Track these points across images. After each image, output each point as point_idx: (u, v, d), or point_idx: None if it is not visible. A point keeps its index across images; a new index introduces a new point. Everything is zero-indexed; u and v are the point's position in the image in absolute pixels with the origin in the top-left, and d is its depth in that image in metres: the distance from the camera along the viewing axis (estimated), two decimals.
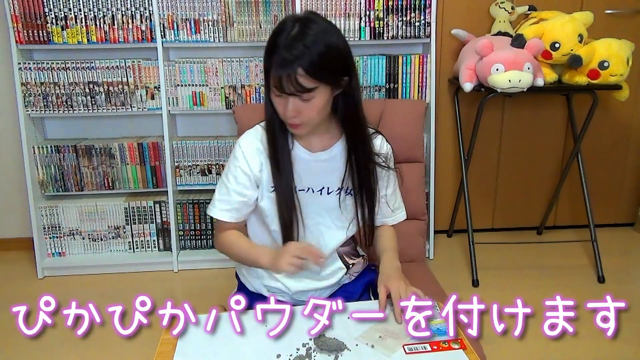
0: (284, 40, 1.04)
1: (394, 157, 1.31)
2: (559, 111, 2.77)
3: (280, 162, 1.19)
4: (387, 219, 1.35)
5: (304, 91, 1.05)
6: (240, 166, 1.21)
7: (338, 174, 1.23)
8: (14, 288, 2.44)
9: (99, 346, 1.98)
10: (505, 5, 2.47)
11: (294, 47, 1.03)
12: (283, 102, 1.09)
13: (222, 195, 1.24)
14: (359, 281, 1.37)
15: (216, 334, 1.07)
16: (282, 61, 1.03)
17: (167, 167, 2.48)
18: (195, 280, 2.48)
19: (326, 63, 1.06)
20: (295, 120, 1.11)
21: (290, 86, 1.04)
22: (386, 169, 1.27)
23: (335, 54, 1.09)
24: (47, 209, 2.51)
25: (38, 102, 2.39)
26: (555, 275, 2.46)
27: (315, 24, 1.07)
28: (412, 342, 1.01)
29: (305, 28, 1.05)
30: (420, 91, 2.48)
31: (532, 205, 2.91)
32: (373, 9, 2.38)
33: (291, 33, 1.05)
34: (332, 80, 1.09)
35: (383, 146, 1.28)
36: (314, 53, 1.03)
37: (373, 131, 1.28)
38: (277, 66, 1.04)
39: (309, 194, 1.23)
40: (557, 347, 1.93)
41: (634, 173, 2.93)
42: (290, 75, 1.03)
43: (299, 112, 1.09)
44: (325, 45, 1.06)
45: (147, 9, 2.32)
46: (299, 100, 1.07)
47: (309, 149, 1.22)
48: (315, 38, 1.04)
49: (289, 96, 1.07)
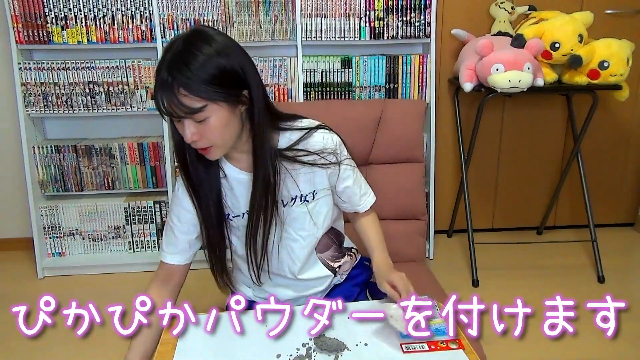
0: (162, 60, 0.98)
1: (346, 147, 1.23)
2: (559, 111, 2.77)
3: (199, 191, 1.13)
4: (357, 207, 1.28)
5: (192, 112, 0.97)
6: (181, 205, 1.17)
7: (285, 184, 1.17)
8: (14, 288, 2.44)
9: (99, 346, 1.98)
10: (505, 5, 2.47)
11: (173, 66, 0.96)
12: (181, 127, 1.02)
13: (169, 238, 1.20)
14: (354, 281, 1.35)
15: (216, 334, 1.07)
16: (162, 83, 0.96)
17: (167, 167, 2.48)
18: (195, 280, 2.47)
19: (211, 79, 0.97)
20: (199, 144, 1.03)
21: (176, 108, 0.97)
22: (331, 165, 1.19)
23: (222, 68, 0.99)
24: (47, 209, 2.51)
25: (38, 102, 2.39)
26: (555, 275, 2.46)
27: (201, 39, 0.99)
28: (409, 340, 1.01)
29: (188, 45, 0.98)
30: (420, 91, 2.48)
31: (532, 205, 2.91)
32: (373, 9, 2.38)
33: (174, 52, 0.98)
34: (224, 97, 1.00)
35: (328, 141, 1.18)
36: (195, 70, 0.96)
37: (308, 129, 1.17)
38: (159, 89, 0.97)
39: None
40: (557, 347, 1.93)
41: (634, 173, 2.93)
42: (173, 98, 0.96)
43: (199, 135, 1.01)
44: (209, 61, 0.98)
45: (147, 9, 2.32)
46: (194, 122, 0.99)
47: (245, 169, 1.15)
48: (197, 55, 0.97)
49: (183, 119, 0.99)
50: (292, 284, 1.28)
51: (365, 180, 1.32)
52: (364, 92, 2.47)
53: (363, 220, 1.32)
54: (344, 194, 1.26)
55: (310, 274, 1.27)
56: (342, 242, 1.35)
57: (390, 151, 1.81)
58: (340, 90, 2.46)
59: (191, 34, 1.01)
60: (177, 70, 0.96)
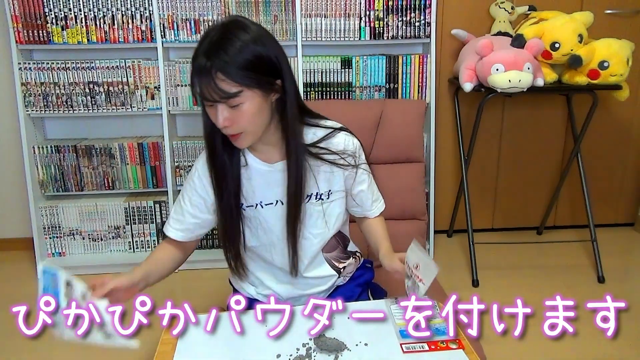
0: (200, 46, 1.02)
1: (364, 152, 1.26)
2: (559, 111, 2.77)
3: (222, 180, 1.15)
4: (368, 212, 1.31)
5: (228, 97, 1.00)
6: (195, 189, 1.19)
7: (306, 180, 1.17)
8: (14, 288, 2.44)
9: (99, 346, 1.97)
10: (505, 5, 2.47)
11: (211, 52, 0.99)
12: (214, 112, 1.04)
13: (176, 214, 1.22)
14: (356, 282, 1.36)
15: (216, 334, 1.07)
16: (200, 68, 0.99)
17: (167, 167, 2.48)
18: (195, 280, 2.48)
19: (247, 65, 1.01)
20: (230, 130, 1.05)
21: (212, 93, 0.99)
22: (349, 167, 1.21)
23: (257, 54, 1.02)
24: (47, 209, 2.51)
25: (38, 102, 2.39)
26: (555, 275, 2.46)
27: (238, 27, 1.03)
28: (409, 340, 1.01)
29: (226, 32, 1.01)
30: (420, 91, 2.48)
31: (532, 205, 2.91)
32: (373, 9, 2.38)
33: (211, 39, 1.01)
34: (258, 83, 1.03)
35: (349, 143, 1.21)
36: (232, 55, 0.99)
37: (332, 129, 1.20)
38: (196, 74, 1.01)
39: (278, 205, 1.19)
40: (557, 347, 1.93)
41: (634, 173, 2.93)
42: (210, 82, 0.99)
43: (231, 120, 1.03)
44: (246, 47, 1.01)
45: (147, 9, 2.32)
46: (228, 107, 1.02)
47: (267, 160, 1.17)
48: (235, 40, 1.00)
49: (217, 104, 1.02)
50: (295, 282, 1.28)
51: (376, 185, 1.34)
52: (364, 92, 2.47)
53: (371, 221, 1.33)
54: (357, 197, 1.28)
55: (315, 273, 1.28)
56: (348, 245, 1.36)
57: (390, 151, 1.81)
58: (340, 90, 2.46)
59: (228, 22, 1.04)
60: (215, 55, 0.99)
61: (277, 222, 1.20)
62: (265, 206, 1.19)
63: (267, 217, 1.20)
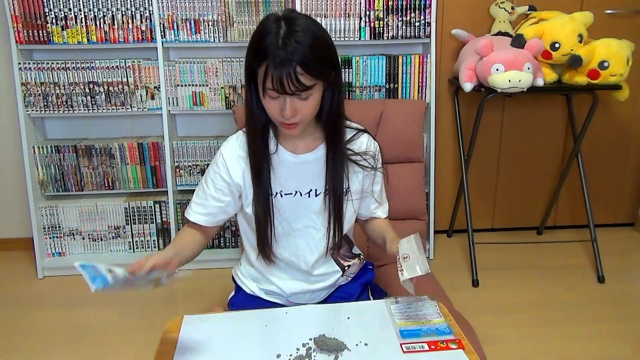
0: (275, 40, 1.01)
1: (382, 155, 1.29)
2: (559, 111, 2.77)
3: (260, 168, 1.17)
4: (375, 212, 1.34)
5: (304, 89, 1.04)
6: (220, 173, 1.21)
7: (325, 175, 1.21)
8: (14, 288, 2.44)
9: (99, 346, 1.98)
10: (505, 5, 2.47)
11: (288, 45, 1.01)
12: (279, 104, 1.07)
13: (199, 199, 1.24)
14: (357, 281, 1.36)
15: (216, 334, 1.07)
16: (281, 61, 1.00)
17: (167, 167, 2.48)
18: (195, 280, 2.47)
19: (320, 58, 1.05)
20: (293, 120, 1.09)
21: (292, 85, 1.02)
22: (369, 169, 1.25)
23: (325, 47, 1.08)
24: (47, 209, 2.51)
25: (38, 102, 2.39)
26: (555, 275, 2.46)
27: (300, 20, 1.05)
28: (409, 340, 1.01)
29: (293, 25, 1.03)
30: (420, 91, 2.48)
31: (532, 205, 2.91)
32: (373, 9, 2.38)
33: (280, 32, 1.02)
34: (325, 75, 1.08)
35: (371, 145, 1.26)
36: (309, 49, 1.02)
37: (357, 130, 1.26)
38: (275, 67, 1.01)
39: (297, 197, 1.21)
40: (557, 347, 1.93)
41: (634, 173, 2.93)
42: (291, 74, 1.01)
43: (296, 111, 1.07)
44: (316, 40, 1.04)
45: (147, 9, 2.32)
46: (297, 99, 1.06)
47: (294, 151, 1.20)
48: (305, 34, 1.03)
49: (287, 96, 1.05)
50: (301, 277, 1.28)
51: None
52: (364, 92, 2.47)
53: (377, 220, 1.35)
54: (368, 198, 1.30)
55: (321, 270, 1.29)
56: (352, 248, 1.38)
57: (390, 151, 1.81)
58: None
59: (292, 15, 1.06)
60: (295, 48, 1.01)
61: (295, 213, 1.22)
62: (285, 196, 1.21)
63: (286, 207, 1.21)
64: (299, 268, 1.27)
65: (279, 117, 1.09)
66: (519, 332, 2.01)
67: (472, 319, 1.39)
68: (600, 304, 2.21)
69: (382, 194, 1.34)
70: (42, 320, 2.16)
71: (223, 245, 2.60)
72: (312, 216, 1.23)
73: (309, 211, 1.23)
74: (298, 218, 1.23)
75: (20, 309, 2.24)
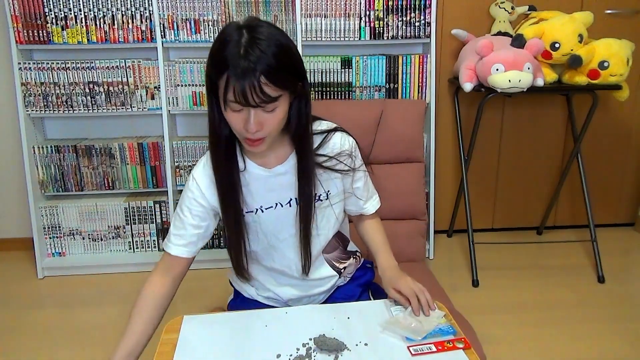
0: (236, 49, 0.95)
1: (359, 149, 1.25)
2: (559, 111, 2.77)
3: (227, 188, 1.13)
4: (363, 210, 1.31)
5: (269, 101, 0.98)
6: (195, 198, 1.16)
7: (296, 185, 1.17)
8: (14, 288, 2.44)
9: (99, 346, 1.98)
10: (505, 5, 2.47)
11: (250, 54, 0.94)
12: (242, 117, 1.00)
13: (177, 229, 1.18)
14: (356, 282, 1.35)
15: (216, 334, 1.07)
16: (243, 71, 0.94)
17: (167, 167, 2.48)
18: (195, 280, 2.47)
19: (285, 67, 0.99)
20: (258, 135, 1.02)
21: (255, 97, 0.95)
22: (346, 171, 1.21)
23: (290, 56, 1.01)
24: (47, 209, 2.51)
25: (38, 102, 2.39)
26: (555, 275, 2.46)
27: (263, 28, 0.99)
28: (416, 343, 1.01)
29: (255, 33, 0.97)
30: (420, 91, 2.48)
31: (532, 205, 2.91)
32: (373, 9, 2.38)
33: (242, 41, 0.96)
34: (291, 85, 1.02)
35: (345, 143, 1.20)
36: (272, 58, 0.96)
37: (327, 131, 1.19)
38: (237, 77, 0.94)
39: (278, 208, 1.18)
40: (557, 347, 1.93)
41: (634, 173, 2.93)
42: (254, 85, 0.94)
43: (261, 125, 1.01)
44: (281, 48, 0.98)
45: (147, 9, 2.32)
46: (262, 112, 1.00)
47: (264, 165, 1.15)
48: (269, 42, 0.97)
49: (251, 109, 0.99)
50: (296, 283, 1.28)
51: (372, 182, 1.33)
52: (364, 92, 2.47)
53: (367, 224, 1.33)
54: (352, 196, 1.28)
55: (316, 274, 1.28)
56: (347, 246, 1.36)
57: (390, 151, 1.81)
58: (340, 90, 2.46)
59: (254, 23, 1.00)
60: (259, 58, 0.95)
61: (279, 225, 1.20)
62: (266, 210, 1.18)
63: (268, 221, 1.19)
64: (293, 276, 1.26)
65: (242, 132, 1.02)
66: (519, 332, 2.01)
67: (472, 319, 1.39)
68: (600, 304, 2.21)
69: (367, 188, 1.30)
70: (42, 320, 2.16)
71: (223, 246, 2.60)
72: (297, 224, 1.20)
73: (293, 220, 1.20)
74: (283, 229, 1.20)
75: (20, 309, 2.24)
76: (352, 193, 1.27)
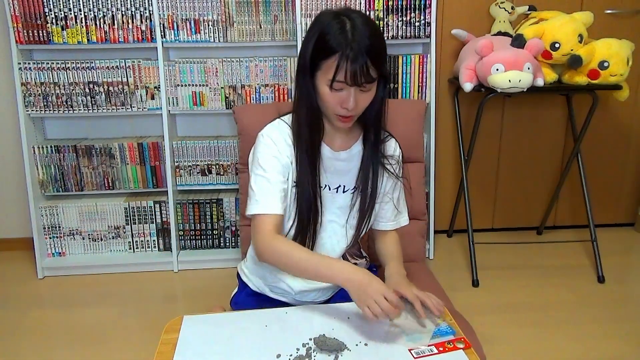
0: (344, 34, 1.06)
1: (402, 160, 1.33)
2: (559, 111, 2.77)
3: (311, 158, 1.19)
4: (389, 223, 1.35)
5: (371, 81, 1.09)
6: (273, 155, 1.17)
7: (354, 173, 1.25)
8: (14, 288, 2.44)
9: (99, 346, 1.98)
10: (505, 5, 2.47)
11: (358, 39, 1.05)
12: (343, 96, 1.10)
13: (263, 188, 1.14)
14: None
15: (216, 334, 1.07)
16: (354, 54, 1.04)
17: (167, 167, 2.48)
18: (195, 280, 2.48)
19: (382, 50, 1.10)
20: (353, 112, 1.12)
21: (363, 78, 1.06)
22: (394, 176, 1.29)
23: (383, 40, 1.12)
24: (47, 209, 2.51)
25: (38, 102, 2.39)
26: (555, 275, 2.46)
27: (357, 14, 1.10)
28: (416, 345, 1.00)
29: (355, 21, 1.07)
30: (420, 91, 2.48)
31: (532, 205, 2.91)
32: (373, 9, 2.38)
33: (347, 27, 1.06)
34: (385, 68, 1.13)
35: (397, 150, 1.31)
36: (375, 41, 1.07)
37: (387, 134, 1.29)
38: (348, 60, 1.05)
39: (326, 191, 1.24)
40: (557, 347, 1.93)
41: (634, 173, 2.93)
42: (363, 67, 1.05)
43: (357, 104, 1.11)
44: (378, 33, 1.10)
45: (147, 9, 2.32)
46: (361, 92, 1.10)
47: (332, 147, 1.23)
48: (369, 28, 1.07)
49: (352, 89, 1.08)
50: None
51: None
52: None
53: (389, 235, 1.36)
54: (386, 203, 1.32)
55: None
56: (360, 248, 1.40)
57: None
58: None
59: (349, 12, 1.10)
60: (365, 42, 1.05)
61: (322, 207, 1.23)
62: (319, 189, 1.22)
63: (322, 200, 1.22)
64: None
65: (338, 109, 1.12)
66: (519, 332, 2.01)
67: (472, 319, 1.39)
68: (600, 304, 2.21)
69: (400, 202, 1.35)
70: (42, 320, 2.16)
71: (223, 245, 2.60)
72: (337, 211, 1.26)
73: (334, 206, 1.25)
74: (325, 213, 1.24)
75: (20, 309, 2.24)
76: (390, 200, 1.31)
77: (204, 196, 2.58)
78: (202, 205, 2.56)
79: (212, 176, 2.54)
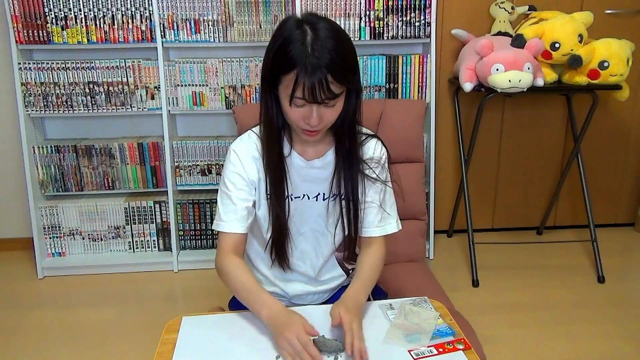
0: (302, 47, 0.98)
1: (389, 160, 1.25)
2: (559, 111, 2.77)
3: (280, 172, 1.16)
4: (373, 229, 1.23)
5: (333, 97, 1.01)
6: (238, 172, 1.16)
7: (331, 180, 1.19)
8: (14, 288, 2.44)
9: (99, 346, 1.98)
10: (505, 5, 2.47)
11: (318, 53, 0.98)
12: (305, 112, 1.04)
13: (226, 206, 1.16)
14: None
15: (216, 334, 1.07)
16: (312, 70, 0.97)
17: (167, 167, 2.48)
18: (195, 280, 2.48)
19: (348, 64, 1.03)
20: (317, 127, 1.06)
21: (322, 94, 0.99)
22: (373, 179, 1.20)
23: (351, 52, 1.05)
24: (47, 209, 2.51)
25: (38, 102, 2.39)
26: (555, 275, 2.46)
27: (322, 24, 1.02)
28: (416, 346, 1.00)
29: (318, 31, 1.00)
30: (420, 91, 2.48)
31: (532, 205, 2.91)
32: (373, 9, 2.38)
33: (307, 39, 0.99)
34: (351, 81, 1.06)
35: (377, 149, 1.22)
36: (338, 56, 0.99)
37: (367, 135, 1.23)
38: (306, 75, 0.98)
39: (305, 200, 1.20)
40: (557, 347, 1.93)
41: (634, 173, 2.93)
42: (322, 84, 0.98)
43: (321, 119, 1.05)
44: (343, 45, 1.02)
45: (147, 9, 2.32)
46: (324, 107, 1.04)
47: (304, 156, 1.18)
48: (334, 40, 1.00)
49: (314, 105, 1.02)
50: (306, 279, 1.29)
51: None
52: (364, 92, 2.47)
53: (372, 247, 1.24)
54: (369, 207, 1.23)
55: (327, 275, 1.30)
56: (355, 249, 1.36)
57: (390, 151, 1.80)
58: None
59: (314, 19, 1.03)
60: (326, 57, 0.98)
61: (303, 216, 1.21)
62: (295, 199, 1.20)
63: (292, 210, 1.20)
64: (305, 272, 1.27)
65: (302, 124, 1.06)
66: (519, 332, 2.01)
67: (472, 319, 1.39)
68: (600, 304, 2.21)
69: (386, 205, 1.24)
70: (42, 320, 2.16)
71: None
72: (318, 220, 1.23)
73: (315, 215, 1.22)
74: (305, 222, 1.22)
75: (20, 309, 2.24)
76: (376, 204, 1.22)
77: (204, 196, 2.58)
78: (202, 205, 2.56)
79: (212, 176, 2.54)
